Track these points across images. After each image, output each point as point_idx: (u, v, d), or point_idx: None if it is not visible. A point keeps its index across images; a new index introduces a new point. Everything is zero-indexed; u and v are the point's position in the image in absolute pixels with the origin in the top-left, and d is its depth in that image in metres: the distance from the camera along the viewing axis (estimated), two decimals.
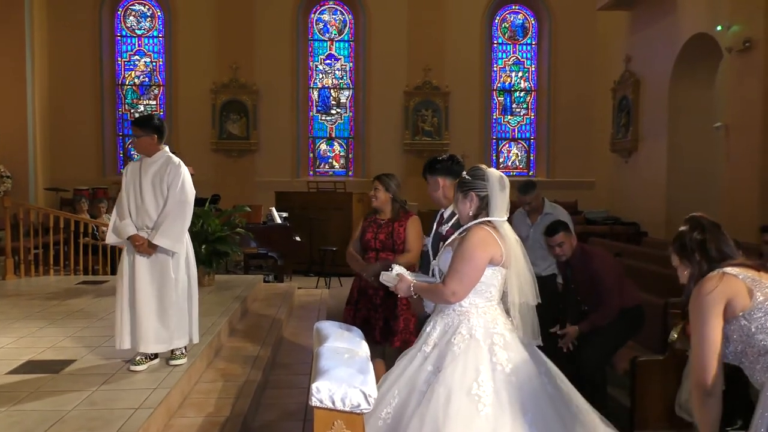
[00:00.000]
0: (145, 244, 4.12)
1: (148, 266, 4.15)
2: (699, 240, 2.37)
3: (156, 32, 15.63)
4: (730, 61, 10.45)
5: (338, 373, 2.37)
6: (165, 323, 4.16)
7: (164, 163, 4.23)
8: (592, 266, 4.51)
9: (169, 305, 4.17)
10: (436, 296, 2.82)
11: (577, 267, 4.60)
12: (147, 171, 4.23)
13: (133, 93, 15.67)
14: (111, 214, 4.43)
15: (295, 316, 7.24)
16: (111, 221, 4.27)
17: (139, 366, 4.14)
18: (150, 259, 4.15)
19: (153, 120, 4.26)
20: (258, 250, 9.80)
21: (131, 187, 4.24)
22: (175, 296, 4.20)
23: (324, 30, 16.04)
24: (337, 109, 16.10)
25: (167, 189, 4.18)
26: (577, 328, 4.51)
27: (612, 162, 14.79)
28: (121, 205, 4.25)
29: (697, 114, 12.04)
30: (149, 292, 4.13)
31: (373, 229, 4.32)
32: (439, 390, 2.58)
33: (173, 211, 4.17)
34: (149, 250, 4.13)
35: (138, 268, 4.14)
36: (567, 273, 4.74)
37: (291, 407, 4.36)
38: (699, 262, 2.36)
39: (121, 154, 15.68)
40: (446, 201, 3.68)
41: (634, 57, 13.77)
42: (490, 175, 2.87)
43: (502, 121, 16.43)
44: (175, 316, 4.19)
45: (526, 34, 16.42)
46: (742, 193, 10.03)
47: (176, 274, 4.21)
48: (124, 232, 4.16)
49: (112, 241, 4.27)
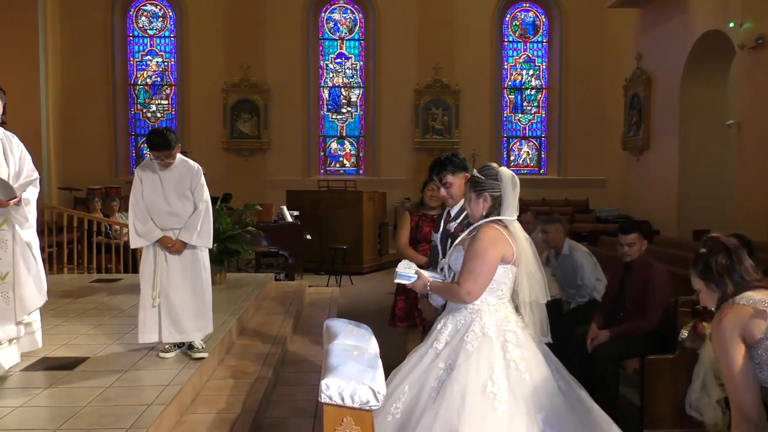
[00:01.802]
0: (177, 245, 4.35)
1: (182, 262, 4.40)
2: (725, 265, 2.34)
3: (168, 32, 15.73)
4: (743, 59, 10.38)
5: (347, 370, 2.38)
6: (202, 313, 4.46)
7: (184, 168, 4.44)
8: (653, 278, 4.50)
9: (203, 296, 4.47)
10: (452, 296, 2.83)
11: (637, 274, 4.59)
12: (168, 177, 4.38)
13: (145, 93, 15.79)
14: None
15: (305, 314, 7.26)
16: (132, 227, 4.39)
17: (169, 353, 4.37)
18: (185, 255, 4.40)
19: (171, 135, 4.35)
20: (269, 249, 9.84)
21: (154, 194, 4.37)
22: (207, 287, 4.52)
23: (334, 29, 16.07)
24: (348, 108, 16.13)
25: (192, 193, 4.42)
26: (608, 333, 4.52)
27: (623, 160, 14.72)
28: (140, 209, 4.36)
29: (709, 112, 11.97)
30: (185, 286, 4.39)
31: (427, 223, 4.53)
32: (453, 388, 2.58)
33: (203, 212, 4.43)
34: (182, 250, 4.37)
35: (172, 266, 4.38)
36: (624, 275, 4.72)
37: (301, 404, 4.39)
38: (725, 287, 2.33)
39: (134, 154, 15.80)
40: (452, 200, 3.66)
41: (645, 54, 13.69)
42: (503, 175, 2.87)
43: (512, 119, 16.41)
44: (207, 304, 4.51)
45: (537, 32, 16.37)
46: (754, 191, 9.95)
47: (205, 267, 4.53)
48: (152, 236, 4.35)
49: (139, 245, 4.41)
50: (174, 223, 4.37)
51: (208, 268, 4.58)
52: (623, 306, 4.65)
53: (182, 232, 4.36)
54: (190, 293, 4.40)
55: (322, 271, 10.92)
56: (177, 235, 4.36)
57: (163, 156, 4.30)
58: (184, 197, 4.40)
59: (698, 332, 4.23)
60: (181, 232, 4.37)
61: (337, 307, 7.74)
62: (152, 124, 15.77)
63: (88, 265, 8.45)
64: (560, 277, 5.36)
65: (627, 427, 4.33)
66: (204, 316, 4.48)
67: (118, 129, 15.47)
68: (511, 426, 2.50)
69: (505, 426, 2.50)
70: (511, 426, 2.50)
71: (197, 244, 4.40)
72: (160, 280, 4.36)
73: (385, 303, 8.74)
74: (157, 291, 4.34)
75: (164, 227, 4.36)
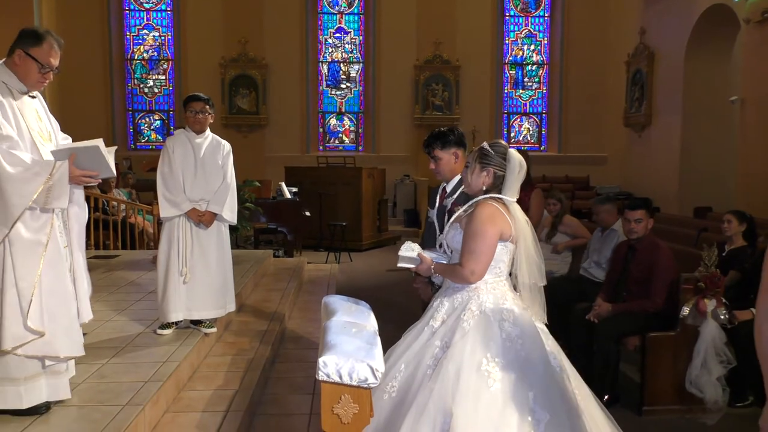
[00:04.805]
0: (208, 215, 4.31)
1: (208, 238, 4.38)
2: None
3: (164, 6, 15.51)
4: (748, 33, 10.24)
5: (345, 347, 2.35)
6: (226, 289, 4.48)
7: (215, 141, 4.49)
8: (658, 259, 4.45)
9: (227, 273, 4.49)
10: (456, 276, 2.79)
11: (642, 253, 4.54)
12: (200, 147, 4.37)
13: (142, 67, 15.62)
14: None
15: (304, 291, 7.25)
16: (162, 197, 4.30)
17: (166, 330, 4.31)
18: (211, 230, 4.38)
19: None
20: (268, 225, 9.81)
21: (186, 164, 4.33)
22: (229, 264, 4.53)
23: (333, 3, 15.86)
24: (347, 84, 15.98)
25: (222, 166, 4.43)
26: (611, 307, 4.50)
27: (625, 137, 14.63)
28: (174, 179, 4.30)
29: (712, 87, 11.85)
30: (211, 262, 4.38)
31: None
32: (449, 366, 2.56)
33: (230, 186, 4.44)
34: (212, 221, 4.35)
35: (197, 241, 4.34)
36: (628, 255, 4.68)
37: (299, 381, 4.38)
38: None
39: (131, 129, 15.68)
40: (440, 176, 3.58)
41: (648, 29, 13.52)
42: (512, 157, 2.81)
43: (513, 95, 16.27)
44: (230, 282, 4.54)
45: (539, 6, 16.16)
46: (757, 168, 9.88)
47: (227, 244, 4.54)
48: (184, 206, 4.29)
49: (171, 214, 4.31)
50: (204, 193, 4.33)
51: (229, 246, 4.58)
52: (626, 287, 4.61)
53: (211, 204, 4.35)
54: (215, 269, 4.39)
55: (321, 248, 10.90)
56: (206, 207, 4.33)
57: (201, 108, 4.30)
58: (218, 167, 4.41)
59: (699, 310, 4.21)
60: (210, 204, 4.34)
61: (335, 284, 7.73)
62: (149, 99, 15.64)
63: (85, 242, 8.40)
64: (596, 250, 5.38)
65: (627, 404, 4.36)
66: (229, 293, 4.51)
67: (115, 104, 15.34)
68: (505, 404, 2.48)
69: (498, 404, 2.48)
70: (505, 404, 2.48)
71: (226, 216, 4.39)
72: (185, 256, 4.31)
73: (384, 280, 8.76)
74: (187, 267, 4.28)
75: (193, 198, 4.31)
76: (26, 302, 2.78)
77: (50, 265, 2.87)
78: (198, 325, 4.45)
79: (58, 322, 2.89)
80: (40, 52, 2.95)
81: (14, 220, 2.77)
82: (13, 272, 2.78)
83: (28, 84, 2.99)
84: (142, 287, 5.77)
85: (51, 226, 2.90)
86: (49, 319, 2.85)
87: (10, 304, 2.78)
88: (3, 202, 2.74)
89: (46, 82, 3.01)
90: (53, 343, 2.87)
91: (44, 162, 2.87)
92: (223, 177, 4.43)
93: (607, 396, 4.23)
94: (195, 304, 4.34)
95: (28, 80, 2.97)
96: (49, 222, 2.90)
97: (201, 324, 4.45)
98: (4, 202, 2.74)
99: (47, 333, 2.83)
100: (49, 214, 2.90)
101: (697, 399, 4.18)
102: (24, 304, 2.79)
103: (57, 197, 2.84)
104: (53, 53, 3.00)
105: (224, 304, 4.49)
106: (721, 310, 4.20)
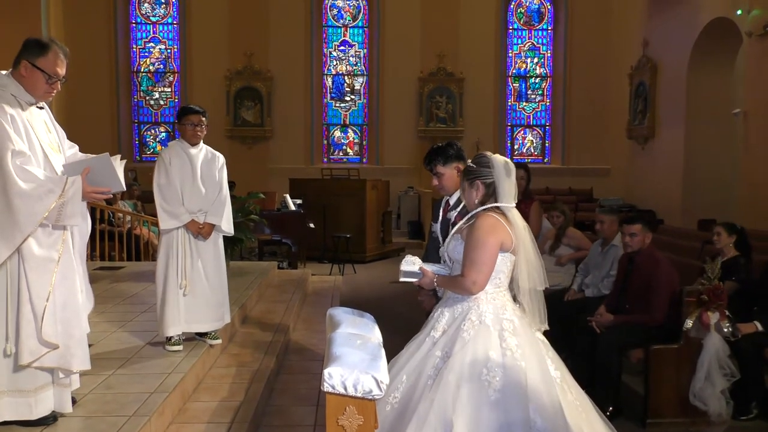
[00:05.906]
0: (207, 227, 4.33)
1: (206, 250, 4.39)
2: None
3: (170, 19, 15.64)
4: (750, 46, 10.28)
5: (350, 359, 2.37)
6: (223, 301, 4.50)
7: (209, 152, 4.52)
8: (657, 273, 4.46)
9: (224, 285, 4.51)
10: (458, 287, 2.81)
11: (641, 266, 4.56)
12: (196, 159, 4.40)
13: (148, 80, 15.73)
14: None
15: (308, 303, 7.27)
16: (160, 209, 4.30)
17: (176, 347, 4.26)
18: (208, 242, 4.39)
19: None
20: (272, 237, 9.84)
21: (184, 175, 4.34)
22: (225, 276, 4.55)
23: (338, 16, 15.97)
24: (351, 96, 16.06)
25: (217, 176, 4.46)
26: (613, 318, 4.51)
27: (628, 149, 14.64)
28: (172, 191, 4.30)
29: (715, 100, 11.86)
30: (209, 274, 4.38)
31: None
32: (449, 376, 2.58)
33: (227, 198, 4.49)
34: (211, 233, 4.37)
35: (196, 254, 4.34)
36: (627, 268, 4.69)
37: (303, 392, 4.39)
38: None
39: (137, 141, 15.77)
40: (444, 191, 3.61)
41: (651, 42, 13.58)
42: (495, 162, 2.84)
43: (516, 107, 16.31)
44: (227, 293, 4.56)
45: (542, 20, 16.24)
46: (760, 179, 9.88)
47: (223, 255, 4.55)
48: (184, 218, 4.29)
49: (171, 226, 4.30)
50: (202, 205, 4.33)
51: (224, 257, 4.59)
52: (627, 299, 4.62)
53: (210, 216, 4.36)
54: (213, 281, 4.40)
55: (325, 260, 10.91)
56: (203, 218, 4.33)
57: (199, 121, 4.36)
58: (214, 178, 4.44)
59: (703, 322, 4.21)
60: (208, 215, 4.36)
61: (340, 296, 7.75)
62: (155, 111, 15.74)
63: (91, 253, 8.45)
64: (595, 265, 5.35)
65: (631, 416, 4.35)
66: (225, 304, 4.52)
67: (121, 117, 15.42)
68: (505, 414, 2.50)
69: (499, 413, 2.50)
70: (505, 414, 2.50)
71: (224, 227, 4.42)
72: (185, 269, 4.31)
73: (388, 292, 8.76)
74: (186, 279, 4.28)
75: (191, 209, 4.31)
76: (40, 316, 2.80)
77: (63, 279, 2.88)
78: (203, 336, 4.47)
79: (72, 335, 2.91)
80: (46, 62, 2.94)
81: (21, 241, 2.75)
82: (27, 289, 2.80)
83: (37, 95, 2.97)
84: (148, 299, 5.79)
85: (62, 241, 2.90)
86: (63, 332, 2.87)
87: (26, 320, 2.80)
88: (12, 219, 2.72)
89: (54, 92, 2.99)
90: (67, 355, 2.89)
91: (57, 178, 2.86)
92: (220, 188, 4.46)
93: (611, 408, 4.23)
94: (194, 317, 4.33)
95: (36, 91, 2.95)
96: (61, 238, 2.90)
97: (206, 335, 4.46)
98: (14, 219, 2.72)
99: (61, 346, 2.85)
100: (61, 231, 2.90)
101: (701, 412, 4.18)
102: (38, 318, 2.80)
103: (70, 215, 2.82)
104: (59, 62, 2.97)
105: (222, 316, 4.49)
106: (725, 323, 4.20)
